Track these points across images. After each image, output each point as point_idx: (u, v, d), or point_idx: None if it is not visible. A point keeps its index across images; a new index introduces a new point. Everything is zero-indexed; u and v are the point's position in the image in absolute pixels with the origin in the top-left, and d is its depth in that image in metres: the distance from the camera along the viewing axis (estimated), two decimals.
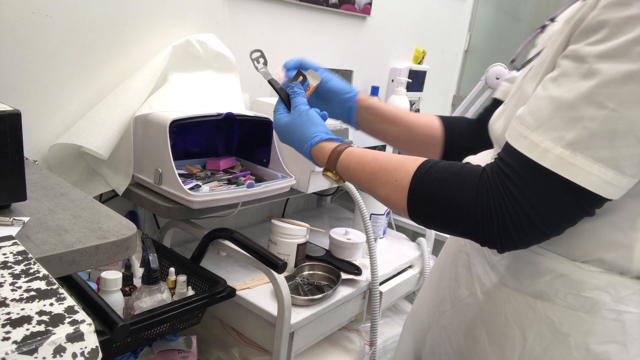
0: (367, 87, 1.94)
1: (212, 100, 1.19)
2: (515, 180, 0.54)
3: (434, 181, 0.60)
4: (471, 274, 0.71)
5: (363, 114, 0.94)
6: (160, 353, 1.01)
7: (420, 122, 0.93)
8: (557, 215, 0.54)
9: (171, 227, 1.24)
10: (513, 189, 0.54)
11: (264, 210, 1.67)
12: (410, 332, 0.91)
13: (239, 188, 1.10)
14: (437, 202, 0.60)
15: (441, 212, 0.60)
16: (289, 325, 1.07)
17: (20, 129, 0.62)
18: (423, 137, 0.92)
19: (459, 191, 0.58)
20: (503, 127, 0.66)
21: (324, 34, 1.68)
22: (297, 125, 0.80)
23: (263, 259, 1.02)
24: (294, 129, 0.81)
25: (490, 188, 0.55)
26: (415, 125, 0.93)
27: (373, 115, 0.94)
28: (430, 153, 0.93)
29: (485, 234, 0.56)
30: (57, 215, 0.68)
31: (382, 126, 0.94)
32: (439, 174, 0.60)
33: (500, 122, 0.69)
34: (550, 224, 0.54)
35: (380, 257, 1.42)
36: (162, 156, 1.03)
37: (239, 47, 1.41)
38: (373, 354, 1.35)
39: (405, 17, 2.04)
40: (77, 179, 1.12)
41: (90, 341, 0.35)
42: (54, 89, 1.07)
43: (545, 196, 0.53)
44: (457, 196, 0.57)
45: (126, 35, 1.15)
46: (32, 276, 0.40)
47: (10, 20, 0.96)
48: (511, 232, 0.55)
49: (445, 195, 0.58)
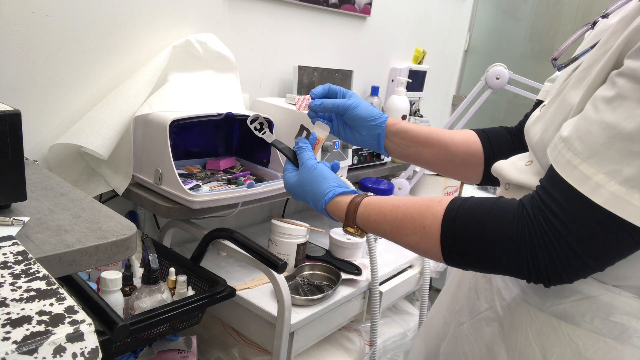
0: (367, 87, 1.94)
1: (212, 100, 1.19)
2: (561, 216, 0.50)
3: (467, 224, 0.56)
4: (491, 286, 0.68)
5: (394, 139, 0.88)
6: (160, 353, 1.01)
7: (456, 140, 0.86)
8: (610, 254, 0.50)
9: (171, 227, 1.24)
10: (560, 227, 0.50)
11: (264, 210, 1.67)
12: (423, 339, 0.89)
13: (239, 188, 1.10)
14: (475, 245, 0.56)
15: (480, 254, 0.56)
16: (289, 325, 1.07)
17: (20, 129, 0.62)
18: (461, 155, 0.85)
19: (497, 231, 0.54)
20: (541, 134, 0.61)
21: (324, 34, 1.68)
22: (307, 183, 0.75)
23: (263, 259, 1.02)
24: (306, 187, 0.75)
25: (532, 226, 0.51)
26: (452, 143, 0.86)
27: (404, 140, 0.88)
28: (471, 172, 0.86)
29: (531, 272, 0.53)
30: (57, 215, 0.68)
31: (416, 150, 0.87)
32: (470, 214, 0.56)
33: (537, 127, 0.63)
34: (602, 262, 0.51)
35: (380, 257, 1.42)
36: (162, 156, 1.03)
37: (239, 47, 1.41)
38: (373, 354, 1.35)
39: (405, 17, 2.04)
40: (77, 179, 1.12)
41: (90, 341, 0.35)
42: (54, 89, 1.07)
43: (597, 236, 0.49)
44: (495, 237, 0.54)
45: (126, 36, 1.15)
46: (32, 276, 0.40)
47: (10, 20, 0.96)
48: (559, 271, 0.51)
49: (482, 238, 0.55)
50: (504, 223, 0.53)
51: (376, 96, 1.89)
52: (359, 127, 0.87)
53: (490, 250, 0.55)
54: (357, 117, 0.86)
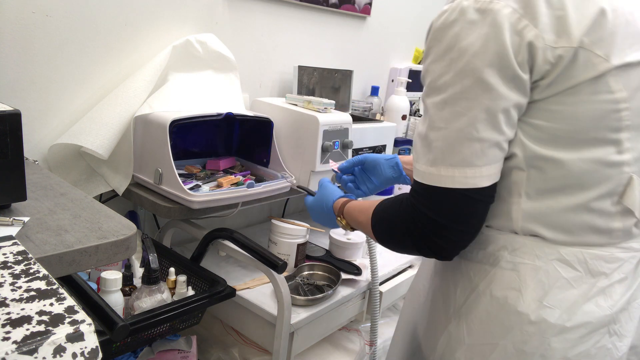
0: (367, 87, 1.94)
1: (212, 100, 1.19)
2: (417, 198, 0.69)
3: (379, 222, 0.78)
4: None
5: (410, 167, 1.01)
6: (160, 353, 1.01)
7: None
8: (454, 215, 0.67)
9: (171, 227, 1.24)
10: (418, 205, 0.69)
11: (264, 210, 1.67)
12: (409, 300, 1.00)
13: (239, 188, 1.10)
14: (384, 238, 0.78)
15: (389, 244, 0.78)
16: (288, 325, 1.07)
17: (20, 129, 0.62)
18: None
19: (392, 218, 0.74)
20: None
21: (324, 34, 1.68)
22: (319, 198, 0.99)
23: (263, 259, 1.02)
24: (319, 200, 0.98)
25: (407, 206, 0.70)
26: None
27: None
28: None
29: (416, 245, 0.70)
30: (57, 215, 0.68)
31: None
32: (380, 216, 0.78)
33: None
34: (452, 222, 0.67)
35: (380, 257, 1.42)
36: (162, 156, 1.03)
37: (239, 47, 1.41)
38: (373, 354, 1.35)
39: (405, 17, 2.04)
40: (77, 179, 1.12)
41: (90, 341, 0.35)
42: (54, 89, 1.07)
43: (438, 204, 0.67)
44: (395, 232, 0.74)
45: (126, 36, 1.15)
46: (32, 276, 0.40)
47: (10, 20, 0.96)
48: (429, 238, 0.68)
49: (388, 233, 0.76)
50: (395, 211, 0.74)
51: (376, 96, 1.89)
52: (378, 165, 1.03)
53: (394, 244, 0.76)
54: (374, 158, 1.04)
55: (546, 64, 0.62)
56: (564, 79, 0.63)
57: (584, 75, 0.63)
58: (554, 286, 0.69)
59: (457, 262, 0.78)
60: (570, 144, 0.66)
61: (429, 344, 0.83)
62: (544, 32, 0.62)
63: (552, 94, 0.64)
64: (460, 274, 0.77)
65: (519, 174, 0.69)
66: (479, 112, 0.63)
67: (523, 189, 0.69)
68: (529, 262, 0.70)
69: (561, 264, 0.70)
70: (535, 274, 0.70)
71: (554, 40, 0.62)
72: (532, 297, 0.70)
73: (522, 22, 0.62)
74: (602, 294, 0.70)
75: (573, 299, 0.69)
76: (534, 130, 0.67)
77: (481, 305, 0.74)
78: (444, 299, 0.80)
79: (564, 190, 0.68)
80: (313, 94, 1.58)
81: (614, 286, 0.71)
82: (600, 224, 0.69)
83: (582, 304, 0.69)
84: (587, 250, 0.70)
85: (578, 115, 0.64)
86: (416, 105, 2.12)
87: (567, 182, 0.67)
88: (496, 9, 0.62)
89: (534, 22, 0.61)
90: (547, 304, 0.69)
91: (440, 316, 0.80)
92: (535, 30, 0.61)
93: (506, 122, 0.65)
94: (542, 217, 0.69)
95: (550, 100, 0.65)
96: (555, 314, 0.69)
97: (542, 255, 0.70)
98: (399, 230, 0.72)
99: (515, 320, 0.70)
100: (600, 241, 0.70)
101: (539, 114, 0.66)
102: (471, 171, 0.65)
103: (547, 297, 0.69)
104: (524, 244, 0.71)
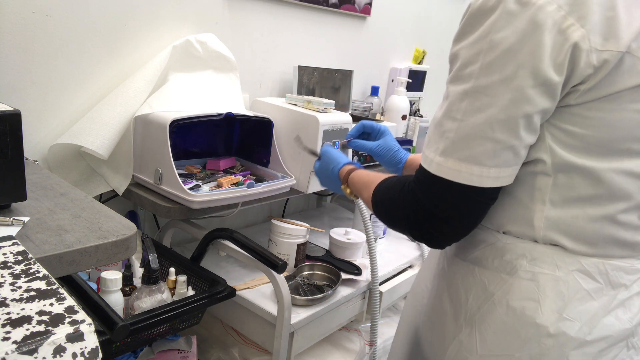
0: (367, 87, 1.94)
1: (212, 100, 1.19)
2: (419, 184, 0.68)
3: (380, 199, 0.78)
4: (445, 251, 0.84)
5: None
6: (160, 353, 1.01)
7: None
8: (452, 207, 0.65)
9: (171, 227, 1.24)
10: (418, 192, 0.67)
11: (264, 210, 1.67)
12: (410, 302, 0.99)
13: (239, 188, 1.10)
14: (382, 213, 0.77)
15: (386, 221, 0.78)
16: (288, 325, 1.07)
17: (20, 129, 0.62)
18: None
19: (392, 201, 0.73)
20: None
21: (324, 34, 1.68)
22: (324, 162, 1.00)
23: (263, 259, 1.02)
24: (325, 166, 0.99)
25: (407, 192, 0.69)
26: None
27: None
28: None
29: (410, 231, 0.70)
30: (57, 215, 0.68)
31: None
32: (382, 194, 0.77)
33: None
34: (448, 214, 0.66)
35: (380, 257, 1.42)
36: (162, 156, 1.03)
37: (239, 47, 1.41)
38: (373, 354, 1.35)
39: (405, 17, 2.04)
40: (77, 179, 1.12)
41: (90, 341, 0.35)
42: (54, 89, 1.07)
43: (438, 194, 0.66)
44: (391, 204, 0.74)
45: (126, 35, 1.15)
46: (32, 276, 0.40)
47: (10, 20, 0.96)
48: (423, 225, 0.67)
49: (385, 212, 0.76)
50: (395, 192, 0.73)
51: (376, 96, 1.89)
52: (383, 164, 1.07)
53: (392, 225, 0.76)
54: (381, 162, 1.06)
55: (589, 67, 0.58)
56: (606, 85, 0.59)
57: (627, 82, 0.59)
58: (574, 298, 0.67)
59: (469, 267, 0.75)
60: (602, 153, 0.63)
61: (436, 350, 0.81)
62: (591, 33, 0.57)
63: (590, 100, 0.60)
64: (473, 281, 0.74)
65: (544, 180, 0.66)
66: (499, 111, 0.60)
67: (547, 196, 0.66)
68: (549, 273, 0.68)
69: (582, 275, 0.67)
70: (555, 285, 0.67)
71: (600, 43, 0.57)
72: (551, 308, 0.67)
73: (568, 20, 0.57)
74: (622, 307, 0.68)
75: (593, 311, 0.67)
76: (565, 136, 0.63)
77: (496, 315, 0.71)
78: (452, 304, 0.78)
79: (591, 200, 0.65)
80: (313, 94, 1.58)
81: (633, 298, 0.69)
82: (625, 237, 0.66)
83: (602, 317, 0.67)
84: (608, 262, 0.67)
85: (615, 123, 0.61)
86: (416, 105, 2.12)
87: (595, 192, 0.64)
88: (539, 3, 0.57)
89: (582, 21, 0.57)
90: (566, 316, 0.67)
91: (448, 321, 0.78)
92: (582, 30, 0.57)
93: (526, 127, 0.61)
94: (566, 227, 0.67)
95: (587, 106, 0.61)
96: (575, 326, 0.67)
97: (562, 266, 0.67)
98: (397, 214, 0.72)
99: (532, 332, 0.68)
100: (622, 254, 0.68)
101: (572, 120, 0.62)
102: (478, 169, 0.62)
103: (567, 309, 0.67)
104: (544, 253, 0.68)
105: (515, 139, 0.61)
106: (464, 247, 0.76)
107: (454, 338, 0.76)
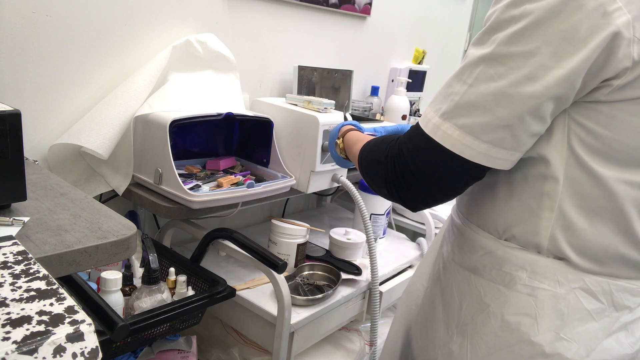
0: (367, 87, 1.94)
1: (212, 100, 1.19)
2: (409, 140, 0.65)
3: (365, 155, 0.76)
4: (441, 251, 0.81)
5: None
6: (160, 353, 1.01)
7: None
8: (431, 170, 0.63)
9: (171, 227, 1.24)
10: (404, 147, 0.65)
11: (264, 210, 1.67)
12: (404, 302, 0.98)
13: (239, 188, 1.10)
14: (364, 170, 0.76)
15: (367, 178, 0.75)
16: (289, 325, 1.07)
17: (20, 129, 0.62)
18: None
19: (376, 152, 0.71)
20: None
21: (324, 34, 1.68)
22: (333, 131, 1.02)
23: (263, 259, 1.02)
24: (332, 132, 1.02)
25: (394, 145, 0.67)
26: None
27: None
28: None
29: (387, 186, 0.67)
30: (57, 215, 0.68)
31: None
32: (368, 151, 0.75)
33: None
34: (426, 177, 0.63)
35: (380, 257, 1.42)
36: (162, 156, 1.03)
37: (239, 47, 1.41)
38: (373, 354, 1.35)
39: (405, 17, 2.04)
40: (77, 179, 1.12)
41: (90, 341, 0.34)
42: (54, 89, 1.07)
43: (423, 154, 0.63)
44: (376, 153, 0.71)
45: (126, 35, 1.15)
46: (32, 276, 0.40)
47: (10, 20, 0.96)
48: (400, 182, 0.65)
49: (367, 168, 0.74)
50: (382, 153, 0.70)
51: (376, 96, 1.89)
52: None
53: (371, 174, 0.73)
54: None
55: (627, 59, 0.52)
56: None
57: None
58: (573, 317, 0.63)
59: (465, 275, 0.72)
60: (622, 162, 0.58)
61: (425, 355, 0.78)
62: (637, 20, 0.51)
63: (622, 99, 0.54)
64: (469, 289, 0.71)
65: (553, 185, 0.61)
66: (509, 85, 0.55)
67: (557, 204, 0.62)
68: (549, 289, 0.64)
69: (584, 294, 0.63)
70: (554, 302, 0.63)
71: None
72: (549, 326, 0.64)
73: (616, 3, 0.51)
74: (624, 330, 0.64)
75: (593, 332, 0.63)
76: (586, 134, 0.58)
77: (490, 327, 0.67)
78: (445, 309, 0.75)
79: (603, 214, 0.60)
80: (313, 94, 1.58)
81: (637, 322, 0.65)
82: (636, 257, 0.62)
83: (602, 339, 0.63)
84: (613, 282, 0.63)
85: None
86: (416, 105, 2.12)
87: (606, 205, 0.60)
88: None
89: (629, 6, 0.51)
90: (564, 336, 0.63)
91: (440, 327, 0.75)
92: (628, 16, 0.51)
93: (533, 111, 0.56)
94: (574, 240, 0.62)
95: (617, 105, 0.55)
96: (573, 348, 0.63)
97: (564, 282, 0.63)
98: (379, 167, 0.69)
99: (526, 350, 0.64)
100: (629, 274, 0.63)
101: (598, 118, 0.57)
102: (469, 140, 0.58)
103: (565, 328, 0.63)
104: (546, 267, 0.64)
105: (516, 119, 0.56)
106: (463, 250, 0.74)
107: (444, 346, 0.74)
